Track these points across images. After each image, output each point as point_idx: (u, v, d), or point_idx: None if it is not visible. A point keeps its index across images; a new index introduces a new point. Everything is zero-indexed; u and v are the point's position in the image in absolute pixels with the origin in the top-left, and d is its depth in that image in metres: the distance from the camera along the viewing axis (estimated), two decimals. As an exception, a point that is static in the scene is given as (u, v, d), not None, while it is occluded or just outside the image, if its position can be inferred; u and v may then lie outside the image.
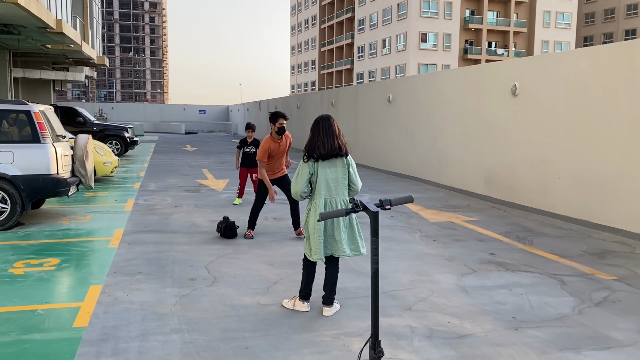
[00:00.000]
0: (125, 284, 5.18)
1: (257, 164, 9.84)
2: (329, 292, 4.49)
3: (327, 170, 4.30)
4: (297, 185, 4.31)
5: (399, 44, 60.25)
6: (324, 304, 4.51)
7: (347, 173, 4.36)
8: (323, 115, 4.47)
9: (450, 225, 8.23)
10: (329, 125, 4.33)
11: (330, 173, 4.31)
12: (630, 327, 4.29)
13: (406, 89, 14.00)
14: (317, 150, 4.27)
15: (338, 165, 4.32)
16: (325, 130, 4.32)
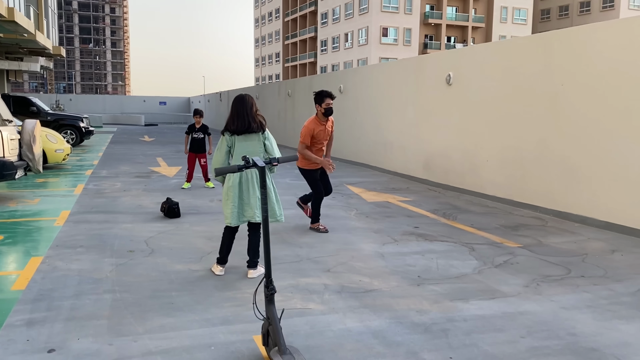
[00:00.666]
0: (65, 255, 5.50)
1: (205, 149, 10.09)
2: (252, 256, 4.93)
3: (243, 144, 4.75)
4: (217, 157, 4.76)
5: (361, 38, 60.92)
6: (248, 267, 4.95)
7: (263, 146, 4.80)
8: (238, 95, 4.92)
9: (385, 204, 8.76)
10: (241, 105, 4.76)
11: (247, 146, 4.76)
12: (519, 282, 4.87)
13: (356, 79, 14.51)
14: (231, 126, 4.74)
15: (254, 139, 4.77)
16: (237, 109, 4.77)
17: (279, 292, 4.49)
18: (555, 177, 7.92)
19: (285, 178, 11.76)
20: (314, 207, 6.81)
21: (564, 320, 3.99)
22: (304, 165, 6.73)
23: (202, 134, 10.15)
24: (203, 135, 10.15)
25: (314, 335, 3.65)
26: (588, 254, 5.89)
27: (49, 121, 19.11)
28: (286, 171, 13.00)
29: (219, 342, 3.52)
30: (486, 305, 4.28)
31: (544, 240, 6.52)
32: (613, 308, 4.26)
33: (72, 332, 3.62)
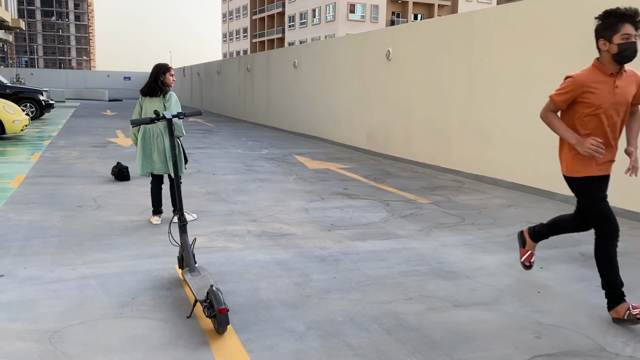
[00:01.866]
0: (18, 209, 6.09)
1: None
2: (172, 204, 5.79)
3: (148, 105, 5.61)
4: (133, 116, 5.55)
5: (329, 14, 61.16)
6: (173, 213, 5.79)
7: (164, 107, 5.58)
8: (156, 64, 5.67)
9: (325, 171, 9.52)
10: (153, 72, 5.59)
11: (151, 107, 5.59)
12: (415, 228, 5.70)
13: (309, 54, 15.13)
14: (142, 89, 5.66)
15: (158, 102, 5.58)
16: (150, 76, 5.64)
17: (206, 235, 5.21)
18: (473, 145, 8.79)
19: (238, 149, 12.41)
20: (605, 266, 3.41)
21: (439, 253, 4.82)
22: (574, 171, 3.48)
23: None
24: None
25: (227, 264, 4.39)
26: (487, 208, 6.76)
27: (8, 94, 19.19)
28: (240, 143, 13.65)
29: (145, 269, 4.23)
30: (379, 243, 5.08)
31: (453, 198, 7.38)
32: (484, 245, 5.12)
33: (19, 264, 4.28)
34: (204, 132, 16.21)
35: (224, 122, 20.87)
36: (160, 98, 5.59)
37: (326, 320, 3.37)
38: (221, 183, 8.06)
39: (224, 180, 8.27)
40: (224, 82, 24.19)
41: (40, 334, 3.11)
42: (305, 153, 11.88)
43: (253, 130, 17.34)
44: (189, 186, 7.74)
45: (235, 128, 18.11)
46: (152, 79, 5.59)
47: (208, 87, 27.46)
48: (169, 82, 5.61)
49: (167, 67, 5.63)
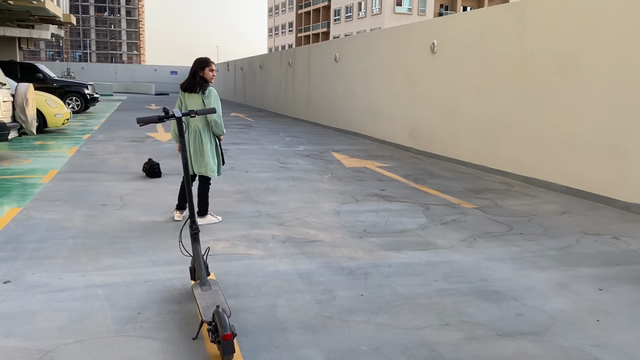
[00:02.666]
0: (42, 207, 5.92)
1: None
2: (199, 205, 5.48)
3: (188, 101, 5.32)
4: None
5: (375, 7, 60.30)
6: (197, 215, 5.45)
7: (203, 104, 5.26)
8: (196, 59, 5.38)
9: (362, 169, 9.07)
10: (193, 67, 5.29)
11: (190, 103, 5.29)
12: (456, 237, 5.19)
13: (350, 48, 14.66)
14: (182, 84, 5.37)
15: (197, 98, 5.25)
16: (190, 70, 5.34)
17: (229, 240, 4.87)
18: (523, 144, 8.14)
19: (275, 145, 12.09)
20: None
21: (483, 268, 4.32)
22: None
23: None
24: None
25: (246, 275, 4.03)
26: (537, 215, 6.17)
27: (55, 87, 19.55)
28: (277, 139, 13.33)
29: (158, 278, 3.92)
30: (415, 255, 4.61)
31: (500, 202, 6.80)
32: (534, 260, 4.57)
33: (29, 268, 4.04)
34: (243, 128, 15.99)
35: (265, 117, 20.65)
36: (199, 94, 5.24)
37: (348, 349, 2.95)
38: (253, 182, 7.73)
39: (255, 179, 7.94)
40: (266, 77, 23.99)
41: (31, 354, 2.82)
42: (343, 150, 11.44)
43: (292, 126, 17.01)
44: (219, 184, 7.44)
45: (275, 123, 17.83)
46: (191, 73, 5.28)
47: (250, 81, 27.35)
48: (209, 77, 5.28)
49: (207, 62, 5.29)
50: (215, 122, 5.19)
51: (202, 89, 5.26)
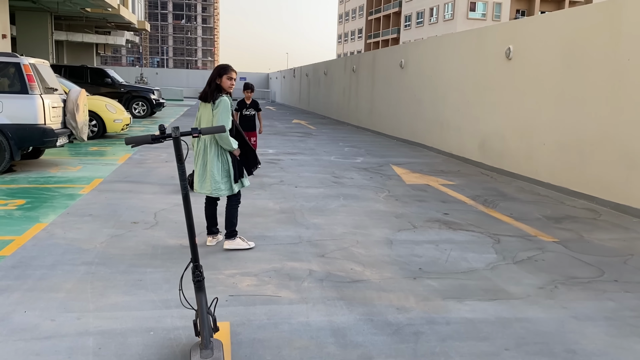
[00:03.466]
0: (69, 224, 5.48)
1: (254, 127, 9.20)
2: (226, 226, 4.91)
3: (202, 112, 4.83)
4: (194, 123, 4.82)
5: (447, 12, 58.63)
6: (225, 237, 4.95)
7: (212, 117, 4.69)
8: (218, 65, 4.89)
9: (424, 187, 8.17)
10: (211, 75, 4.77)
11: (203, 114, 4.80)
12: (534, 283, 4.25)
13: (416, 53, 13.75)
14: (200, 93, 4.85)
15: (208, 108, 4.73)
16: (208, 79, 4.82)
17: (257, 275, 4.18)
18: (614, 164, 6.98)
19: (332, 156, 11.38)
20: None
21: (569, 332, 3.38)
22: None
23: (252, 111, 9.18)
24: (254, 112, 9.19)
25: (267, 327, 3.31)
26: (634, 255, 5.08)
27: (122, 92, 19.85)
28: (335, 149, 12.61)
29: (163, 326, 3.27)
30: (482, 307, 3.73)
31: (587, 235, 5.73)
32: (636, 323, 3.57)
33: (23, 304, 3.51)
34: (301, 136, 15.39)
35: (327, 124, 20.01)
36: (210, 104, 4.70)
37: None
38: (300, 198, 7.04)
39: (304, 195, 7.25)
40: (330, 83, 23.39)
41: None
42: (405, 163, 10.55)
43: (353, 135, 16.25)
44: (263, 201, 6.81)
45: (336, 131, 17.13)
46: (208, 81, 4.76)
47: (315, 88, 26.87)
48: (226, 86, 4.69)
49: (226, 69, 4.71)
50: (220, 135, 4.60)
51: (214, 98, 4.67)
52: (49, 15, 25.68)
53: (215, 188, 4.74)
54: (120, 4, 28.78)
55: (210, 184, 4.74)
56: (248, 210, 6.28)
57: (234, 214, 4.95)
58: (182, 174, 2.78)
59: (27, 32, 25.30)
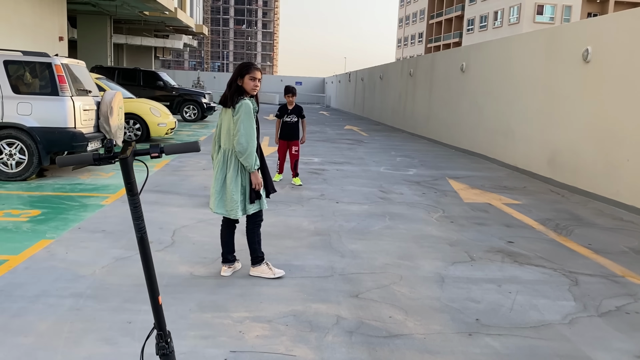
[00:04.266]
0: (76, 241, 4.90)
1: (298, 135, 8.38)
2: (250, 251, 4.29)
3: (223, 119, 4.10)
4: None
5: (512, 16, 56.36)
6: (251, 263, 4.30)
7: (234, 123, 3.96)
8: (240, 63, 4.19)
9: (484, 207, 7.16)
10: (232, 75, 4.05)
11: (224, 122, 4.08)
12: (629, 348, 3.24)
13: (479, 56, 12.65)
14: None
15: (228, 115, 4.03)
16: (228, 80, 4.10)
17: (270, 322, 3.39)
18: None
19: (381, 166, 10.48)
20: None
21: None
22: None
23: (295, 117, 8.26)
24: (297, 118, 8.27)
25: (269, 405, 2.51)
26: None
27: (174, 95, 19.69)
28: (386, 158, 11.69)
29: (135, 397, 2.53)
30: (560, 387, 2.78)
31: (691, 278, 4.61)
32: None
33: (-22, 352, 2.87)
34: (352, 143, 14.55)
35: (380, 131, 19.07)
36: (230, 110, 3.98)
37: None
38: (340, 217, 6.22)
39: (344, 213, 6.42)
40: (385, 88, 22.44)
41: None
42: (463, 177, 9.52)
43: (408, 143, 15.26)
44: (297, 219, 6.03)
45: (389, 139, 16.18)
46: (229, 83, 4.06)
47: (370, 92, 25.97)
48: (249, 88, 3.97)
49: (248, 67, 3.99)
50: (240, 146, 3.89)
51: (234, 102, 3.95)
52: (108, 18, 26.07)
53: (231, 208, 4.02)
54: (178, 8, 28.93)
55: (228, 204, 4.01)
56: (278, 229, 5.52)
57: (254, 237, 4.24)
58: (136, 210, 2.03)
59: (88, 35, 25.76)
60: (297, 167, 8.28)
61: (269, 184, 4.22)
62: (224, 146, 4.04)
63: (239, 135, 3.88)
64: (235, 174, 4.01)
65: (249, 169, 3.95)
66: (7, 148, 7.55)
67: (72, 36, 27.02)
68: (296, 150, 8.31)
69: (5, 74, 7.55)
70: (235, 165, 4.01)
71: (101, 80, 12.55)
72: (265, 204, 4.20)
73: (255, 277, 4.16)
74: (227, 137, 4.02)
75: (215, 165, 4.11)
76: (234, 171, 4.01)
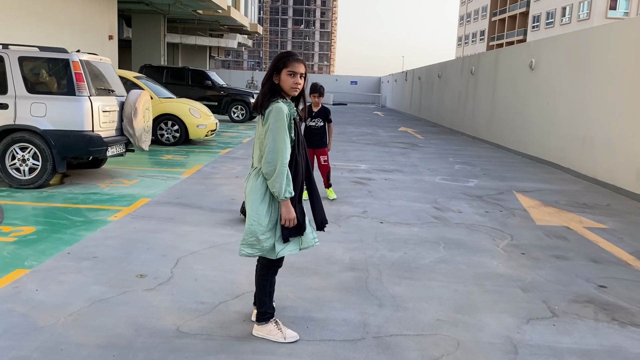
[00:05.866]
0: (56, 272, 4.03)
1: (325, 142, 7.09)
2: (257, 305, 3.25)
3: (257, 126, 3.06)
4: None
5: (582, 11, 53.08)
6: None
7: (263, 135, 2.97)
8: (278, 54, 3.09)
9: (562, 232, 5.86)
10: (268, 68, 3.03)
11: (258, 130, 3.05)
12: None
13: (551, 52, 11.15)
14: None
15: (260, 121, 3.01)
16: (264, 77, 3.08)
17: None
18: None
19: (437, 175, 9.24)
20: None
21: None
22: None
23: (320, 121, 6.98)
24: (323, 122, 7.01)
25: None
26: None
27: (222, 95, 19.09)
28: (443, 166, 10.42)
29: None
30: None
31: None
32: None
33: None
34: (405, 148, 13.30)
35: (437, 133, 17.69)
36: (260, 117, 3.01)
37: None
38: (382, 243, 5.11)
39: (389, 238, 5.30)
40: (444, 87, 20.99)
41: None
42: (533, 190, 8.16)
43: (468, 147, 13.86)
44: (330, 245, 4.97)
45: (447, 142, 14.82)
46: (263, 81, 3.04)
47: (427, 92, 24.53)
48: (287, 87, 2.96)
49: (287, 59, 2.96)
50: (267, 165, 2.89)
51: (263, 107, 2.94)
52: (162, 17, 25.90)
53: (249, 243, 3.01)
54: (232, 6, 28.48)
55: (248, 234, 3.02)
56: (304, 260, 4.48)
57: (265, 286, 3.19)
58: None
59: (142, 34, 25.68)
60: (329, 178, 7.12)
61: (317, 213, 3.19)
62: (257, 164, 3.06)
63: (267, 152, 2.89)
64: (263, 196, 3.01)
65: (276, 195, 2.93)
66: (20, 153, 6.90)
67: (128, 35, 27.08)
68: (325, 161, 7.06)
69: (19, 71, 6.89)
70: (262, 184, 3.01)
71: (140, 79, 11.94)
72: (311, 240, 3.19)
73: (260, 338, 3.13)
74: (259, 152, 3.04)
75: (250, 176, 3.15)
76: (262, 193, 3.01)
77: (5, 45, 7.13)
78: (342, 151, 11.85)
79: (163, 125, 11.75)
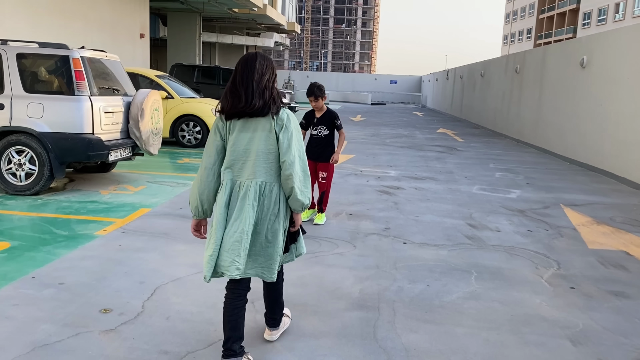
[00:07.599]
0: (6, 305, 3.43)
1: (328, 155, 5.72)
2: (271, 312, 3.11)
3: (243, 135, 2.67)
4: (203, 156, 2.77)
5: (637, 7, 50.38)
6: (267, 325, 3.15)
7: (276, 142, 2.66)
8: (250, 53, 2.72)
9: (620, 258, 4.92)
10: (243, 69, 2.65)
11: (248, 140, 2.66)
12: None
13: (606, 48, 10.05)
14: (223, 104, 2.71)
15: (259, 128, 2.67)
16: (241, 74, 2.67)
17: None
18: None
19: (475, 185, 8.32)
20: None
21: None
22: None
23: (325, 129, 5.67)
24: (328, 131, 5.68)
25: None
26: None
27: (253, 95, 18.52)
28: (482, 173, 9.47)
29: None
30: None
31: None
32: None
33: None
34: (442, 151, 12.36)
35: (479, 135, 16.63)
36: (266, 121, 2.67)
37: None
38: (402, 271, 4.31)
39: (411, 264, 4.50)
40: (487, 87, 19.84)
41: None
42: (584, 204, 7.17)
43: (511, 151, 12.80)
44: (339, 271, 4.21)
45: (489, 146, 13.78)
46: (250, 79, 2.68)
47: (469, 92, 23.38)
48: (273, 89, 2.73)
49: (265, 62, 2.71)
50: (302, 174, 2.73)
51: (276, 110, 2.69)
52: (197, 16, 25.62)
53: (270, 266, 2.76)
54: (268, 4, 28.01)
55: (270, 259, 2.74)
56: (305, 292, 3.75)
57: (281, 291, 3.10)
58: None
59: (178, 33, 25.49)
60: (324, 201, 5.78)
61: None
62: (258, 178, 2.65)
63: (295, 163, 2.63)
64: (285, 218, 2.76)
65: (302, 206, 2.71)
66: (16, 156, 6.41)
67: (163, 34, 26.97)
68: (324, 178, 5.74)
69: (17, 68, 6.41)
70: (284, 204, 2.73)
71: (162, 78, 11.47)
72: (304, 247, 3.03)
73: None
74: (260, 163, 2.66)
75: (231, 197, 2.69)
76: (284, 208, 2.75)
77: (4, 41, 6.66)
78: (371, 155, 11.04)
79: (184, 127, 11.23)
